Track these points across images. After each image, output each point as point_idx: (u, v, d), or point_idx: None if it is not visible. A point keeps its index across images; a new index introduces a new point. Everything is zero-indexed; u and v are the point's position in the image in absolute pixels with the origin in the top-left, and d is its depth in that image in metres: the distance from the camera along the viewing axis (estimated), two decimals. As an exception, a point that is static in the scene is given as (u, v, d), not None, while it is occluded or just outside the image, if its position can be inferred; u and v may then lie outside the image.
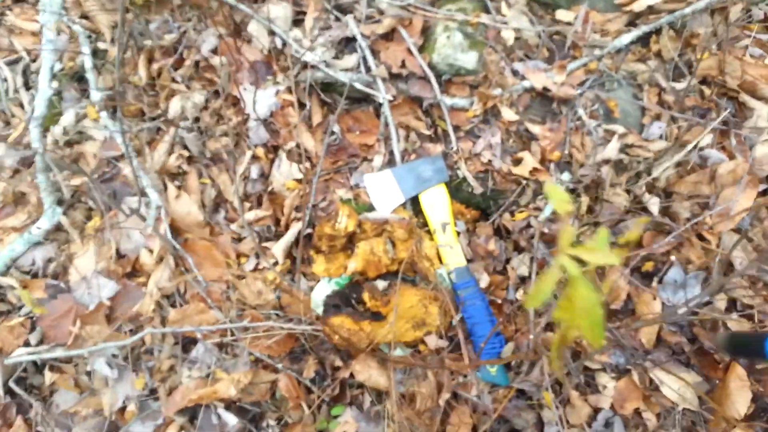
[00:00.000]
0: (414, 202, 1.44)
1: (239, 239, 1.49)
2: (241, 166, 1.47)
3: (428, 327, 1.37)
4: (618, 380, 1.33)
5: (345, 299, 1.36)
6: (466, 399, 1.36)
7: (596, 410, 1.37)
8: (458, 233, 1.42)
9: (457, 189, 1.45)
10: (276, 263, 1.45)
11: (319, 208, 1.46)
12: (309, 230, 1.44)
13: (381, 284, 1.33)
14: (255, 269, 1.46)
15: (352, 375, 1.44)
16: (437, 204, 1.40)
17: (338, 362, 1.44)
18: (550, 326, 1.35)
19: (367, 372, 1.42)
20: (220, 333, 1.44)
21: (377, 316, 1.34)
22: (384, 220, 1.37)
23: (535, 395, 1.35)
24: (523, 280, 1.37)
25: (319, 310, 1.39)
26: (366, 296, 1.31)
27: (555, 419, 1.34)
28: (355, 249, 1.36)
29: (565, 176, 1.37)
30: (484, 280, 1.41)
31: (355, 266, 1.34)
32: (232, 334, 1.44)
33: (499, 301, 1.38)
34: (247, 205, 1.49)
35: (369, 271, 1.34)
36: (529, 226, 1.37)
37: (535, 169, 1.35)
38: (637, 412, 1.35)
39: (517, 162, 1.40)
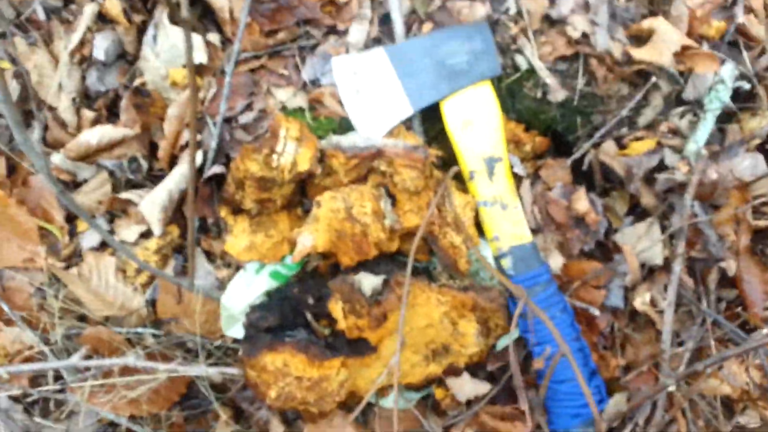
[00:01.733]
0: (430, 118, 0.83)
1: (73, 184, 0.84)
2: (76, 34, 0.81)
3: (454, 357, 0.78)
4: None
5: (291, 311, 0.75)
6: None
7: None
8: (517, 178, 0.82)
9: (511, 93, 0.85)
10: (148, 233, 0.81)
11: (238, 124, 0.82)
12: (217, 169, 0.81)
13: (369, 280, 0.72)
14: (101, 247, 0.82)
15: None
16: (479, 121, 0.80)
17: (277, 427, 0.83)
18: (698, 356, 0.78)
19: (333, 449, 0.82)
20: (30, 376, 0.80)
21: (359, 347, 0.73)
22: (374, 150, 0.75)
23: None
24: (651, 273, 0.79)
25: (236, 331, 0.77)
26: (336, 306, 0.70)
27: None
28: (313, 207, 0.74)
29: (728, 70, 0.78)
30: (558, 268, 0.82)
31: (312, 241, 0.73)
32: (58, 378, 0.81)
33: (596, 313, 0.80)
34: (90, 115, 0.83)
35: (342, 252, 0.74)
36: (661, 166, 0.78)
37: (684, 49, 0.75)
38: None
39: (641, 38, 0.79)
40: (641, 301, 0.77)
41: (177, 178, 0.80)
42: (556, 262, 0.83)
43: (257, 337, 0.70)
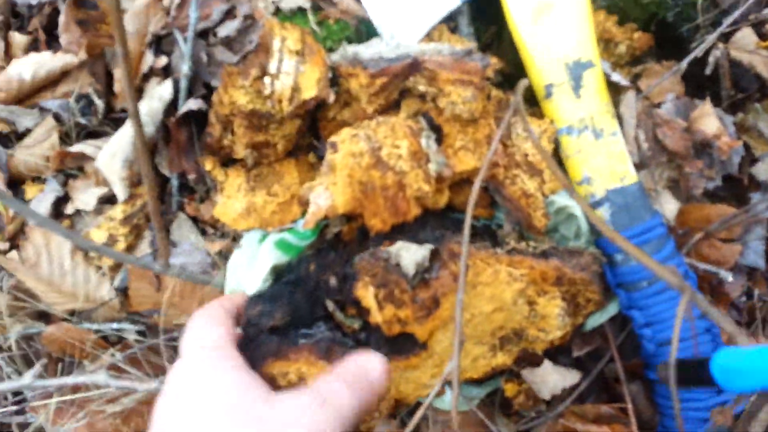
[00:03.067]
0: (484, 13, 0.61)
1: (15, 137, 0.66)
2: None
3: (529, 343, 0.58)
4: None
5: (306, 299, 0.56)
6: None
7: None
8: (612, 91, 0.60)
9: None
10: (112, 197, 0.62)
11: (217, 39, 0.62)
12: (194, 104, 0.61)
13: (411, 253, 0.53)
14: (56, 218, 0.64)
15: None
16: (560, 6, 0.57)
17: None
18: None
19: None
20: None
21: (403, 345, 0.54)
22: (409, 61, 0.53)
23: None
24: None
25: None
26: (367, 293, 0.50)
27: None
28: (327, 152, 0.54)
29: None
30: (672, 215, 0.62)
31: (329, 200, 0.53)
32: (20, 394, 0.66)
33: (728, 279, 0.59)
34: (21, 39, 0.63)
35: (371, 213, 0.54)
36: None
37: None
38: None
39: None
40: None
41: (142, 120, 0.60)
42: (669, 207, 0.62)
43: (260, 341, 0.51)
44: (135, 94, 0.42)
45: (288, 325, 0.54)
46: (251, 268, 0.59)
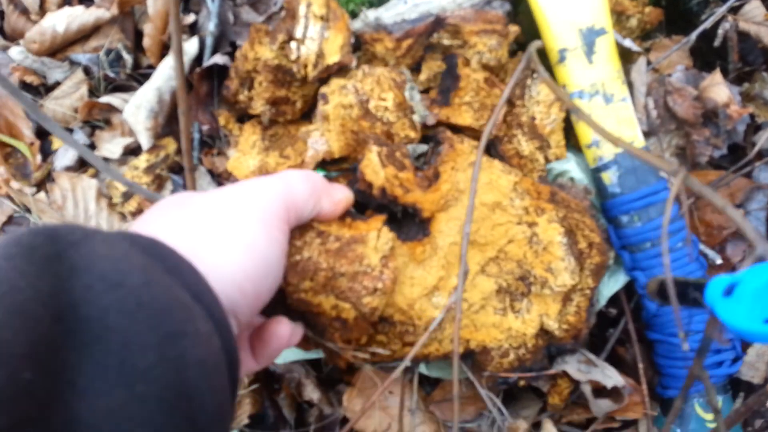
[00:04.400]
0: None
1: (44, 89, 0.68)
2: None
3: (540, 299, 0.60)
4: None
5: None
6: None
7: None
8: (625, 55, 0.62)
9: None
10: (137, 148, 0.65)
11: (244, 0, 0.65)
12: (219, 59, 0.63)
13: (411, 147, 0.58)
14: (79, 167, 0.67)
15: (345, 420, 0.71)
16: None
17: (312, 391, 0.69)
18: None
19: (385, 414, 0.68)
20: None
21: (408, 225, 0.56)
22: (431, 20, 0.56)
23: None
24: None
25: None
26: (371, 156, 0.53)
27: None
28: (319, 102, 0.57)
29: None
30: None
31: (325, 145, 0.57)
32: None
33: (717, 262, 0.61)
34: (54, -4, 0.67)
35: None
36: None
37: None
38: None
39: None
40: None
41: (167, 74, 0.63)
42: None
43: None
44: (180, 29, 0.45)
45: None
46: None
